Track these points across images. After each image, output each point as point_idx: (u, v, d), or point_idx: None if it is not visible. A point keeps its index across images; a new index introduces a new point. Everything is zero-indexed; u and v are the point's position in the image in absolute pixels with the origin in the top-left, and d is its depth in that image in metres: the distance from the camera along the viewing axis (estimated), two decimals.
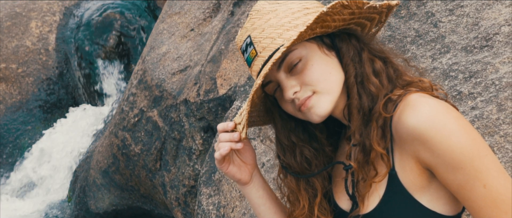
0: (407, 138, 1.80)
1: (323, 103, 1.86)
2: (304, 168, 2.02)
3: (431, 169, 1.82)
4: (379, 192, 1.89)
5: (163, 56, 4.33)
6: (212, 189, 3.55)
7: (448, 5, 3.12)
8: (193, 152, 4.03)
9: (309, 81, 1.85)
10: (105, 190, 4.90)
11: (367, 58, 1.93)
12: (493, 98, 2.67)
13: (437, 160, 1.78)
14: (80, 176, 5.22)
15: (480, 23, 2.96)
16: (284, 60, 1.86)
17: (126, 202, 4.86)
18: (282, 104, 1.94)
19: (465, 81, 2.81)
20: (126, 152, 4.50)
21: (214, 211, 3.45)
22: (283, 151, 2.02)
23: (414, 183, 1.85)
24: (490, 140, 2.59)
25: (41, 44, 7.06)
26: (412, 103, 1.81)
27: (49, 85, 6.94)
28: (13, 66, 6.94)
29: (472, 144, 1.76)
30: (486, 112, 2.65)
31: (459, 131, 1.76)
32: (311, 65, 1.85)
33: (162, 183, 4.31)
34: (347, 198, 2.00)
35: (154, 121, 4.26)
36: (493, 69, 2.77)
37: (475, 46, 2.90)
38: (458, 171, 1.77)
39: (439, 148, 1.76)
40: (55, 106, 6.88)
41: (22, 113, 6.84)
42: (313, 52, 1.87)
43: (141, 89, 4.40)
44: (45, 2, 7.35)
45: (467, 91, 2.77)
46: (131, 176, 4.59)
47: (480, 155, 1.76)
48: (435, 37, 3.06)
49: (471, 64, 2.84)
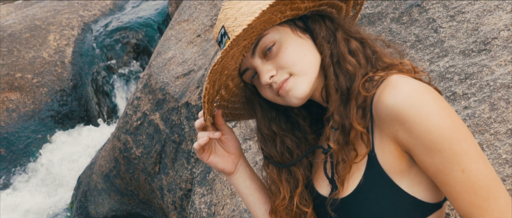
0: (386, 118, 1.77)
1: (300, 85, 1.84)
2: (285, 158, 1.99)
3: (410, 152, 1.78)
4: (358, 174, 1.85)
5: (169, 61, 4.36)
6: (205, 189, 3.53)
7: (450, 12, 3.10)
8: (191, 155, 4.01)
9: (285, 64, 1.84)
10: (105, 194, 4.89)
11: (342, 38, 1.91)
12: (487, 98, 2.65)
13: (415, 141, 1.74)
14: (83, 181, 5.23)
15: (480, 28, 2.94)
16: (258, 45, 1.85)
17: (125, 208, 4.85)
18: (261, 92, 1.92)
19: (460, 82, 2.78)
20: (127, 155, 4.50)
21: (205, 210, 3.42)
22: (264, 141, 2.00)
23: (393, 166, 1.81)
24: (480, 138, 2.55)
25: (57, 57, 7.14)
26: (392, 83, 1.78)
27: (62, 97, 6.99)
28: (28, 76, 7.01)
29: (451, 127, 1.72)
30: (478, 111, 2.62)
31: (439, 113, 1.73)
32: (285, 48, 1.84)
33: (160, 186, 4.29)
34: (326, 183, 1.96)
35: (156, 123, 4.27)
36: (488, 71, 2.74)
37: (473, 50, 2.88)
38: (436, 153, 1.73)
39: (417, 129, 1.72)
40: (67, 118, 6.92)
41: (34, 121, 6.89)
42: (287, 36, 1.86)
43: (145, 93, 4.42)
44: (65, 17, 7.44)
45: (461, 92, 2.74)
46: (131, 180, 4.58)
47: (459, 138, 1.72)
48: (435, 41, 3.05)
49: (468, 67, 2.82)
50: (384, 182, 1.82)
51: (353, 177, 1.87)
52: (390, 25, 3.25)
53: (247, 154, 3.32)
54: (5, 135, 6.68)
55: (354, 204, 1.87)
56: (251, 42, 1.83)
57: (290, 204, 2.00)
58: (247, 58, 1.87)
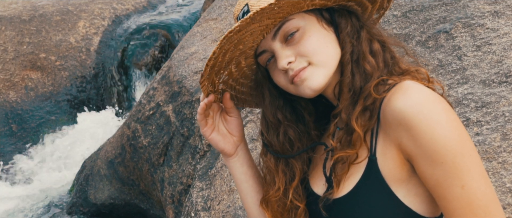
0: (393, 122, 1.72)
1: (317, 76, 1.80)
2: (285, 149, 1.94)
3: (412, 160, 1.73)
4: (355, 177, 1.80)
5: (190, 56, 4.35)
6: (205, 183, 3.50)
7: (477, 42, 3.07)
8: (197, 151, 3.99)
9: (305, 52, 1.79)
10: (107, 181, 4.88)
11: (365, 37, 1.87)
12: (500, 128, 2.60)
13: (419, 150, 1.69)
14: (87, 166, 5.22)
15: (504, 61, 2.91)
16: (281, 28, 1.80)
17: (124, 197, 4.83)
18: (274, 76, 1.87)
19: (476, 109, 2.74)
20: (134, 144, 4.49)
21: (201, 203, 3.39)
22: (267, 128, 1.95)
23: (393, 173, 1.76)
24: (487, 165, 2.50)
25: (84, 43, 7.17)
26: (404, 88, 1.74)
27: (82, 83, 7.01)
28: (52, 58, 7.05)
29: (457, 140, 1.67)
30: (489, 138, 2.58)
31: (447, 124, 1.68)
32: (308, 37, 1.80)
33: (161, 178, 4.27)
34: (323, 182, 1.92)
35: (167, 115, 4.25)
36: (506, 103, 2.70)
37: (494, 81, 2.84)
38: (438, 165, 1.68)
39: (422, 137, 1.68)
40: (83, 104, 6.94)
41: (50, 103, 6.91)
42: (312, 24, 1.81)
43: (162, 85, 4.41)
44: (98, 6, 7.50)
45: (475, 119, 2.70)
46: (134, 169, 4.57)
47: (463, 153, 1.67)
48: (457, 68, 3.01)
49: (486, 96, 2.78)
50: (381, 187, 1.77)
51: (350, 179, 1.82)
52: (415, 47, 3.22)
53: (253, 153, 3.29)
54: (19, 111, 6.70)
55: (347, 206, 1.82)
56: (275, 23, 1.79)
57: (283, 196, 1.95)
58: (266, 40, 1.82)
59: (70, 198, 5.52)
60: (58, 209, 5.61)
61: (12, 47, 6.99)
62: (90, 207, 5.09)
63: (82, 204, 5.12)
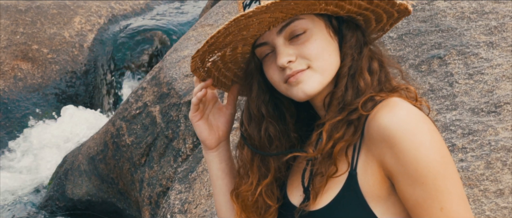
0: (377, 138, 1.71)
1: (313, 82, 1.77)
2: (264, 144, 1.89)
3: (392, 178, 1.71)
4: (334, 190, 1.78)
5: (183, 59, 4.34)
6: (184, 186, 3.48)
7: (470, 70, 3.07)
8: (180, 155, 3.96)
9: (308, 55, 1.76)
10: (86, 177, 4.84)
11: (367, 54, 1.85)
12: (484, 156, 2.59)
13: (400, 168, 1.68)
14: (68, 160, 5.17)
15: (495, 91, 2.91)
16: (289, 25, 1.77)
17: (102, 195, 4.79)
18: (268, 71, 1.83)
19: (462, 136, 2.73)
20: (118, 141, 4.46)
21: (178, 206, 3.36)
22: (249, 120, 1.90)
23: (372, 189, 1.74)
24: (469, 192, 2.49)
25: (77, 39, 7.14)
26: (391, 104, 1.72)
27: (72, 79, 6.97)
28: (44, 50, 7.01)
29: (440, 162, 1.66)
30: (473, 165, 2.57)
31: (431, 145, 1.67)
32: (314, 40, 1.77)
33: (141, 178, 4.24)
34: (300, 193, 1.89)
35: (154, 116, 4.23)
36: (493, 132, 2.70)
37: (483, 110, 2.84)
38: (418, 185, 1.66)
39: (405, 155, 1.66)
40: (70, 100, 6.90)
41: (37, 95, 6.87)
42: (319, 29, 1.78)
43: (151, 85, 4.39)
44: (96, 4, 7.48)
45: (461, 145, 2.69)
46: (115, 167, 4.53)
47: (445, 175, 1.66)
48: (447, 94, 3.01)
49: (474, 124, 2.77)
50: (358, 203, 1.75)
51: (328, 192, 1.79)
52: (407, 70, 3.22)
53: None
54: (6, 100, 6.66)
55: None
56: (285, 18, 1.75)
57: (255, 191, 1.91)
58: (271, 33, 1.78)
59: (47, 190, 5.47)
60: (34, 202, 5.56)
61: (5, 36, 6.96)
62: (66, 202, 5.04)
63: (59, 198, 5.07)
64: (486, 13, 3.34)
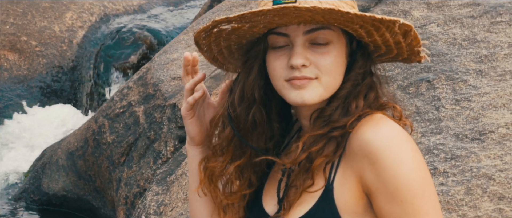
0: (358, 153, 1.68)
1: (315, 93, 1.71)
2: (247, 129, 1.86)
3: (370, 195, 1.69)
4: (309, 203, 1.75)
5: (171, 61, 4.32)
6: (161, 188, 3.44)
7: (457, 96, 3.07)
8: (160, 157, 3.93)
9: (321, 67, 1.70)
10: (63, 172, 4.79)
11: (368, 83, 1.80)
12: (465, 182, 2.58)
13: (380, 185, 1.65)
14: (47, 154, 5.12)
15: (481, 119, 2.90)
16: (318, 31, 1.71)
17: (78, 191, 4.74)
18: (272, 62, 1.75)
19: (445, 161, 2.72)
20: (98, 139, 4.42)
21: (154, 207, 3.33)
22: (240, 101, 1.83)
23: (348, 205, 1.72)
24: (447, 216, 2.48)
25: (67, 35, 7.11)
26: (375, 120, 1.70)
27: (58, 73, 6.93)
28: (33, 42, 6.97)
29: (420, 182, 1.64)
30: (453, 190, 2.56)
31: (412, 164, 1.65)
32: (333, 56, 1.71)
33: (119, 178, 4.20)
34: (274, 202, 1.86)
35: (137, 116, 4.20)
36: (476, 159, 2.69)
37: (467, 136, 2.83)
38: (397, 203, 1.64)
39: (386, 173, 1.64)
40: (55, 94, 6.85)
41: (22, 86, 6.82)
42: (341, 47, 1.73)
43: (138, 85, 4.36)
44: (89, 1, 7.45)
45: (442, 169, 2.68)
46: (93, 164, 4.49)
47: (424, 195, 1.64)
48: (433, 118, 3.00)
49: (457, 149, 2.76)
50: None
51: (302, 204, 1.77)
52: (395, 91, 3.21)
53: None
54: None
55: None
56: (317, 22, 1.69)
57: (224, 168, 1.87)
58: (296, 29, 1.71)
59: (22, 183, 5.42)
60: (9, 193, 5.50)
61: None
62: (41, 195, 4.99)
63: (34, 191, 5.02)
64: (478, 42, 3.35)
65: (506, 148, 2.69)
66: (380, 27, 1.70)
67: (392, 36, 1.71)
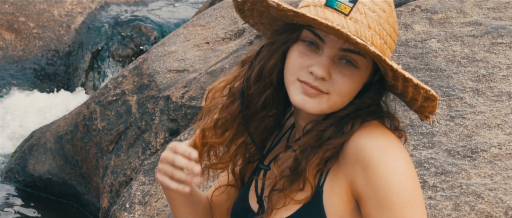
0: (351, 158, 1.67)
1: (318, 107, 1.67)
2: (256, 109, 1.78)
3: (360, 201, 1.68)
4: (296, 205, 1.74)
5: (169, 54, 4.31)
6: (148, 179, 3.43)
7: (452, 112, 3.07)
8: (149, 148, 3.92)
9: (337, 88, 1.66)
10: (50, 155, 4.76)
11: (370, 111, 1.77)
12: (454, 198, 2.58)
13: (370, 191, 1.65)
14: (35, 136, 5.10)
15: (474, 137, 2.90)
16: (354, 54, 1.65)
17: (63, 176, 4.71)
18: (294, 56, 1.69)
19: (435, 175, 2.72)
20: (89, 124, 4.40)
21: (139, 197, 3.31)
22: (256, 80, 1.75)
23: (336, 209, 1.70)
24: None
25: (66, 19, 7.07)
26: (371, 128, 1.69)
27: (53, 57, 6.89)
28: (31, 24, 6.93)
29: (411, 192, 1.64)
30: (441, 205, 2.55)
31: (404, 173, 1.65)
32: (353, 82, 1.66)
33: (106, 165, 4.18)
34: (256, 199, 1.84)
35: (130, 105, 4.19)
36: (466, 176, 2.69)
37: (459, 153, 2.83)
38: (386, 211, 1.64)
39: (377, 180, 1.64)
40: (48, 78, 6.82)
41: (16, 67, 6.79)
42: (364, 75, 1.68)
43: (133, 75, 4.35)
44: None
45: (432, 183, 2.68)
46: (81, 149, 4.47)
47: (413, 206, 1.64)
48: (426, 132, 3.00)
49: (448, 165, 2.76)
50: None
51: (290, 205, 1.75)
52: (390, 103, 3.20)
53: None
54: None
55: None
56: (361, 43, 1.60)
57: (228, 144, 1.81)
58: (334, 41, 1.65)
59: (8, 163, 5.38)
60: None
61: None
62: (26, 176, 4.95)
63: (19, 172, 4.99)
64: (477, 61, 3.36)
65: (497, 167, 2.69)
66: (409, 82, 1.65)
67: (414, 92, 1.68)
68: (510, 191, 2.55)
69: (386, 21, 1.66)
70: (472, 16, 3.64)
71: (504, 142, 2.82)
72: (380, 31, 1.65)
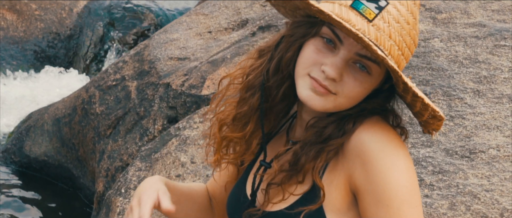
0: (352, 151, 1.67)
1: (323, 105, 1.66)
2: (274, 103, 1.77)
3: (358, 194, 1.68)
4: (293, 196, 1.74)
5: (170, 41, 4.30)
6: (145, 165, 3.43)
7: (452, 112, 3.07)
8: (147, 134, 3.91)
9: (346, 91, 1.64)
10: (47, 137, 4.75)
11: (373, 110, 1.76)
12: (450, 197, 2.58)
13: (369, 186, 1.65)
14: (33, 117, 5.09)
15: (473, 138, 2.90)
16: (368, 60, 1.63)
17: (59, 158, 4.71)
18: (311, 52, 1.67)
19: (432, 173, 2.72)
20: (87, 108, 4.39)
21: (135, 182, 3.31)
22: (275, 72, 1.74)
23: (334, 202, 1.70)
24: None
25: (68, 2, 7.05)
26: (373, 123, 1.69)
27: (54, 40, 6.88)
28: (33, 5, 6.92)
29: (409, 189, 1.64)
30: (437, 203, 2.55)
31: (404, 170, 1.65)
32: (363, 88, 1.65)
33: (102, 150, 4.17)
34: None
35: (129, 90, 4.18)
36: (463, 176, 2.69)
37: (457, 153, 2.83)
38: (383, 207, 1.64)
39: (376, 175, 1.64)
40: (48, 60, 6.80)
41: (16, 48, 6.77)
42: (375, 82, 1.66)
43: (134, 60, 4.34)
44: None
45: (429, 182, 2.68)
46: (79, 133, 4.46)
47: (410, 203, 1.64)
48: None
49: (446, 164, 2.76)
50: (316, 214, 1.71)
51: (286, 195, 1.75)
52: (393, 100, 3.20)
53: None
54: None
55: None
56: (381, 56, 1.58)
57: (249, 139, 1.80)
58: (352, 44, 1.63)
59: (4, 143, 5.37)
60: None
61: None
62: (22, 157, 4.95)
63: (15, 152, 4.98)
64: (479, 62, 3.35)
65: (494, 169, 2.69)
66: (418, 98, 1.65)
67: (422, 107, 1.67)
68: (506, 193, 2.56)
69: (408, 33, 1.64)
70: (476, 17, 3.64)
71: (503, 144, 2.82)
72: (400, 42, 1.63)
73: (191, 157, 3.21)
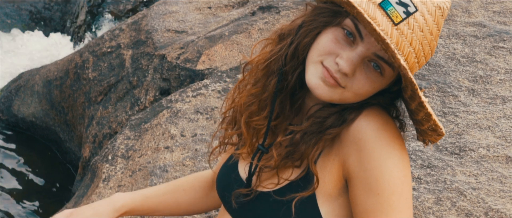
0: (348, 137, 1.67)
1: (329, 96, 1.65)
2: (290, 88, 1.76)
3: (350, 180, 1.68)
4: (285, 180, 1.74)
5: (169, 13, 4.27)
6: (133, 134, 3.41)
7: (445, 108, 3.07)
8: (138, 104, 3.89)
9: (356, 87, 1.64)
10: (37, 98, 4.72)
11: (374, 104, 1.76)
12: (436, 192, 2.58)
13: (362, 173, 1.65)
14: (24, 77, 5.05)
15: (464, 136, 2.90)
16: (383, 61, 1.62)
17: (47, 121, 4.68)
18: (329, 41, 1.66)
19: (421, 167, 2.72)
20: (80, 73, 4.37)
21: (122, 150, 3.29)
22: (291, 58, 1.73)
23: (325, 187, 1.71)
24: None
25: None
26: (372, 111, 1.68)
27: (51, 2, 6.84)
28: None
29: (401, 179, 1.65)
30: (423, 197, 2.56)
31: (398, 161, 1.65)
32: (373, 87, 1.65)
33: (92, 115, 4.15)
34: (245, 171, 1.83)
35: (124, 59, 4.15)
36: (451, 172, 2.69)
37: (447, 149, 2.83)
38: (373, 195, 1.65)
39: (370, 163, 1.64)
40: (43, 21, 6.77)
41: (12, 6, 6.73)
42: (385, 83, 1.67)
43: (130, 29, 4.31)
44: None
45: (416, 175, 2.68)
46: (69, 97, 4.44)
47: (401, 194, 1.65)
48: None
49: (435, 159, 2.76)
50: (307, 199, 1.71)
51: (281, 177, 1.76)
52: None
53: None
54: None
55: (264, 204, 1.76)
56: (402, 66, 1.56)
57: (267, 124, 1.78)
58: (371, 43, 1.61)
59: None
60: None
61: None
62: (9, 117, 4.92)
63: (3, 111, 4.94)
64: (476, 62, 3.35)
65: (483, 168, 2.70)
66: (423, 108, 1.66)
67: (424, 117, 1.68)
68: (493, 193, 2.56)
69: (428, 43, 1.63)
70: (477, 17, 3.63)
71: (493, 144, 2.82)
72: (418, 51, 1.62)
73: (181, 130, 3.20)
